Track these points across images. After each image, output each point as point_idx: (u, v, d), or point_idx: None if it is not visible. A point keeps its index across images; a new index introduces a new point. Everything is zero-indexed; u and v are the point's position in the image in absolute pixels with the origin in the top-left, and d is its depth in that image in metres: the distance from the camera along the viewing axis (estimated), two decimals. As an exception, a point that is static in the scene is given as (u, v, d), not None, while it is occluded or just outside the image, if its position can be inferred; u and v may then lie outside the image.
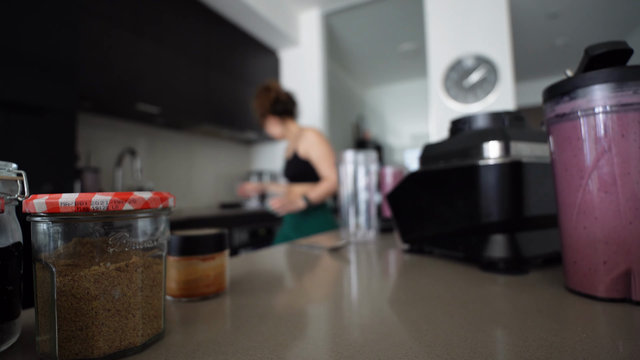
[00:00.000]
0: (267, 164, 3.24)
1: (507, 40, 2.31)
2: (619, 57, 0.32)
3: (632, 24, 3.51)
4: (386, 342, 0.24)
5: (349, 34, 3.56)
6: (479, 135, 0.46)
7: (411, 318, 0.28)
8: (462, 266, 0.47)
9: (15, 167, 0.25)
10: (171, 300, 0.35)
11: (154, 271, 0.25)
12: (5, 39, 1.05)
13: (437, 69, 2.52)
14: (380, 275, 0.44)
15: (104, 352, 0.22)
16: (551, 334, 0.24)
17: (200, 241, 0.35)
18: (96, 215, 0.21)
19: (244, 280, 0.42)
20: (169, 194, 0.26)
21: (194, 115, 2.19)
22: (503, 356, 0.21)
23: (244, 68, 2.69)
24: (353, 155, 0.75)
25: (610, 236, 0.30)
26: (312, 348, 0.23)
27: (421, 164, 0.56)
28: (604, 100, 0.30)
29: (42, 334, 0.22)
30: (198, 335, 0.26)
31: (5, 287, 0.23)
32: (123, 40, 1.76)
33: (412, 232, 0.57)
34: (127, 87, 1.77)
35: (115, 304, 0.22)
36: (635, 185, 0.29)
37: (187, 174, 2.54)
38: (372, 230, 0.75)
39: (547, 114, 0.35)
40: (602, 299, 0.30)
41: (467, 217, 0.46)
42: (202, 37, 2.31)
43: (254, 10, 2.49)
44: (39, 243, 0.22)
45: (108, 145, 2.02)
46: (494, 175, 0.43)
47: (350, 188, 0.75)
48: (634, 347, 0.22)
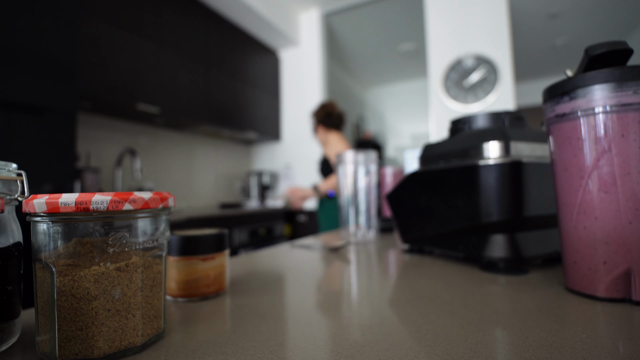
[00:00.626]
0: (267, 164, 3.24)
1: (507, 40, 2.31)
2: (619, 57, 0.32)
3: (632, 24, 3.51)
4: (386, 342, 0.24)
5: (349, 34, 3.56)
6: (479, 135, 0.46)
7: (411, 318, 0.28)
8: (462, 266, 0.47)
9: (15, 167, 0.25)
10: (171, 300, 0.35)
11: (154, 271, 0.25)
12: (5, 39, 1.05)
13: (437, 69, 2.52)
14: (380, 275, 0.44)
15: (104, 352, 0.22)
16: (551, 334, 0.24)
17: (200, 241, 0.35)
18: (96, 215, 0.21)
19: (244, 280, 0.42)
20: (169, 194, 0.26)
21: (194, 115, 2.19)
22: (503, 356, 0.21)
23: (244, 68, 2.69)
24: (353, 155, 0.75)
25: (610, 236, 0.30)
26: (312, 348, 0.23)
27: (421, 164, 0.56)
28: (604, 100, 0.30)
29: (42, 334, 0.22)
30: (198, 335, 0.26)
31: (5, 287, 0.23)
32: (123, 40, 1.77)
33: (412, 232, 0.57)
34: (127, 87, 1.77)
35: (115, 304, 0.22)
36: (635, 185, 0.29)
37: (187, 174, 2.54)
38: (372, 230, 0.75)
39: (547, 114, 0.35)
40: (602, 299, 0.30)
41: (467, 217, 0.46)
42: (202, 37, 2.31)
43: (254, 10, 2.49)
44: (39, 243, 0.22)
45: (108, 145, 2.02)
46: (494, 175, 0.43)
47: (350, 188, 0.75)
48: (634, 347, 0.22)
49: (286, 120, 3.17)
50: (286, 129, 3.16)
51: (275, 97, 3.12)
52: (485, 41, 2.38)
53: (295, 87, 3.11)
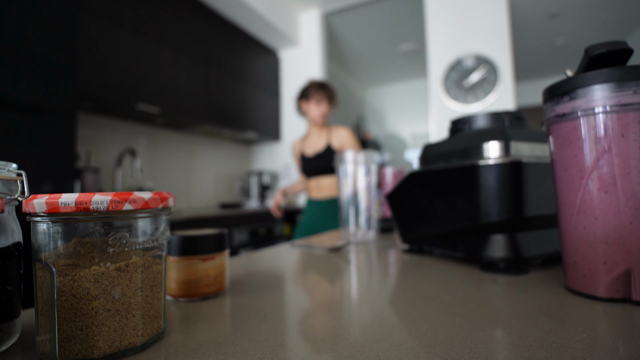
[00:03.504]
0: (267, 164, 3.24)
1: (507, 40, 2.31)
2: (619, 57, 0.32)
3: (632, 24, 3.51)
4: (386, 342, 0.24)
5: (349, 34, 3.55)
6: (479, 135, 0.46)
7: (411, 318, 0.28)
8: (462, 266, 0.47)
9: (15, 167, 0.25)
10: (171, 300, 0.35)
11: (154, 271, 0.25)
12: (6, 39, 1.05)
13: (437, 69, 2.52)
14: (380, 275, 0.44)
15: (104, 352, 0.22)
16: (551, 334, 0.24)
17: (200, 241, 0.35)
18: (96, 215, 0.21)
19: (244, 280, 0.42)
20: (169, 194, 0.26)
21: (194, 115, 2.19)
22: (503, 356, 0.21)
23: (244, 68, 2.69)
24: (353, 155, 0.75)
25: (610, 236, 0.30)
26: (312, 348, 0.23)
27: (421, 164, 0.56)
28: (604, 100, 0.30)
29: (42, 334, 0.22)
30: (198, 335, 0.26)
31: (5, 287, 0.23)
32: (123, 40, 1.76)
33: (412, 232, 0.57)
34: (127, 87, 1.77)
35: (115, 304, 0.22)
36: (635, 185, 0.29)
37: (187, 174, 2.54)
38: (372, 230, 0.75)
39: (547, 114, 0.35)
40: (602, 299, 0.30)
41: (467, 217, 0.46)
42: (202, 37, 2.31)
43: (254, 10, 2.49)
44: (39, 243, 0.22)
45: (108, 145, 2.02)
46: (494, 175, 0.43)
47: (350, 188, 0.75)
48: (634, 347, 0.22)
49: (286, 120, 3.17)
50: (286, 129, 3.16)
51: (275, 97, 3.12)
52: (485, 41, 2.38)
53: (295, 87, 3.11)
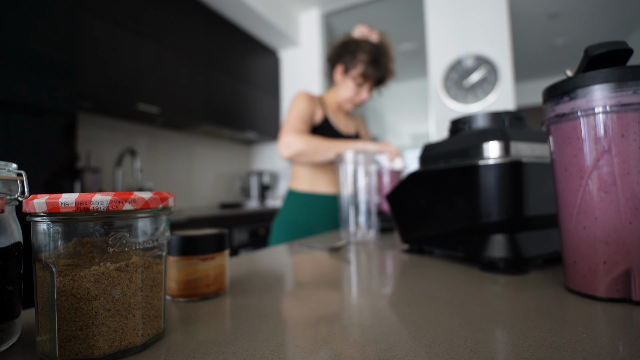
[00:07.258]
0: (267, 164, 3.24)
1: (507, 41, 2.31)
2: (619, 57, 0.32)
3: (632, 24, 3.51)
4: (386, 342, 0.24)
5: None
6: (479, 135, 0.46)
7: (411, 318, 0.28)
8: (462, 266, 0.47)
9: (15, 167, 0.25)
10: (171, 300, 0.35)
11: (154, 271, 0.25)
12: (6, 39, 1.05)
13: (437, 69, 2.52)
14: (380, 275, 0.44)
15: (104, 352, 0.22)
16: (551, 334, 0.24)
17: (200, 241, 0.35)
18: (96, 215, 0.21)
19: (244, 280, 0.42)
20: (169, 194, 0.26)
21: (194, 115, 2.19)
22: (503, 356, 0.21)
23: (244, 68, 2.69)
24: (353, 155, 0.75)
25: (610, 236, 0.30)
26: (312, 348, 0.23)
27: (421, 164, 0.56)
28: (604, 100, 0.30)
29: (42, 334, 0.22)
30: (198, 335, 0.26)
31: (5, 287, 0.23)
32: (123, 40, 1.76)
33: (412, 232, 0.57)
34: (127, 87, 1.77)
35: (115, 304, 0.22)
36: (635, 185, 0.29)
37: (187, 174, 2.54)
38: (372, 230, 0.75)
39: (547, 114, 0.35)
40: (602, 299, 0.30)
41: (467, 217, 0.46)
42: (202, 37, 2.31)
43: (254, 10, 2.49)
44: (39, 243, 0.22)
45: (108, 145, 2.02)
46: (494, 175, 0.43)
47: (350, 188, 0.75)
48: (634, 347, 0.22)
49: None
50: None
51: (275, 97, 3.12)
52: (485, 41, 2.37)
53: (295, 87, 3.11)
